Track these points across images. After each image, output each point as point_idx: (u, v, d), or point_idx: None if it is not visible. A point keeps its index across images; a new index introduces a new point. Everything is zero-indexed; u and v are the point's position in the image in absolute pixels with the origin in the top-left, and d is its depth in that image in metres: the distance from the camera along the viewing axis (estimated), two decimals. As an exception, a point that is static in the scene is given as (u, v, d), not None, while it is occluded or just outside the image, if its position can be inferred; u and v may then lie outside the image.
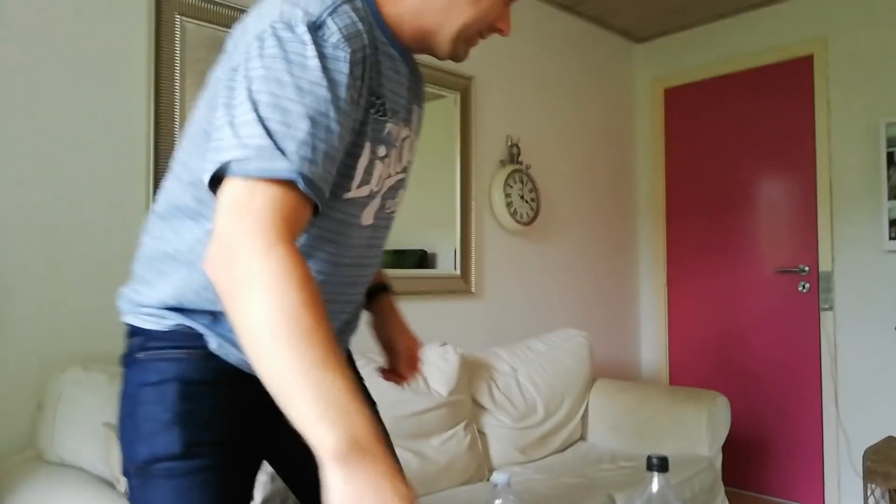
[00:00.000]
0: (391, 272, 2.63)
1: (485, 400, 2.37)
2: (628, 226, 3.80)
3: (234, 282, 0.69)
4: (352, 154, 0.87)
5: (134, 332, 0.92)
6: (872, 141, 3.03)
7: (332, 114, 0.77)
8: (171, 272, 0.90)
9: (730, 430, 2.67)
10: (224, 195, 0.73)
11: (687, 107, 3.71)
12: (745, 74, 3.48)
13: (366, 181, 0.90)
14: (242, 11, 2.09)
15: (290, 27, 0.77)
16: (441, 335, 2.68)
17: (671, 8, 3.43)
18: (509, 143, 3.09)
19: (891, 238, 2.96)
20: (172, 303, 0.89)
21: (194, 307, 0.89)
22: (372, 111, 0.88)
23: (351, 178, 0.88)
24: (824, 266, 3.17)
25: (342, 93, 0.78)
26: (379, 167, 0.91)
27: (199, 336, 0.89)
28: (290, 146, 0.73)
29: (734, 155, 3.52)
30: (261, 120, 0.73)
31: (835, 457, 3.09)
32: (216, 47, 2.03)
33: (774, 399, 3.33)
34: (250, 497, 0.96)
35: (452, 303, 2.84)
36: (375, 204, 0.95)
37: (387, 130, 0.91)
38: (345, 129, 0.80)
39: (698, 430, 2.51)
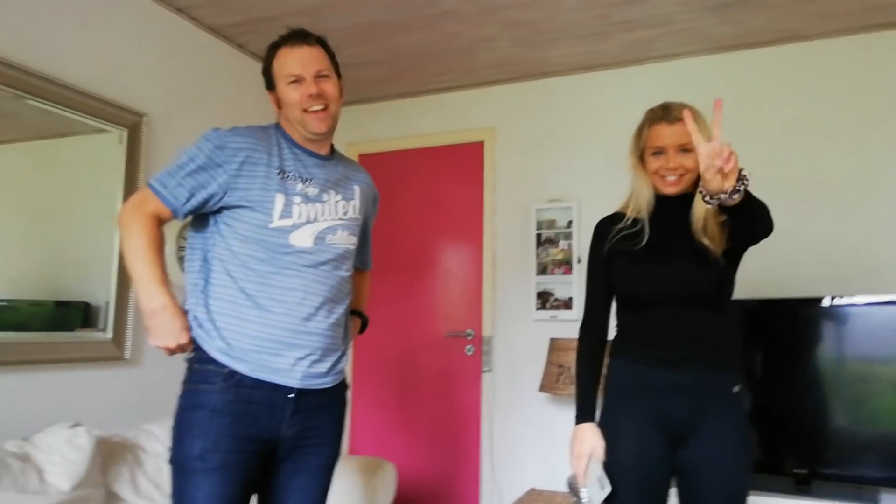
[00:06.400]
0: (25, 336, 2.14)
1: (124, 490, 2.02)
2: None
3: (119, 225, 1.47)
4: (266, 200, 1.47)
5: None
6: (526, 223, 3.45)
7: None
8: None
9: (398, 491, 2.70)
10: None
11: (378, 173, 3.83)
12: (429, 151, 3.74)
13: (287, 216, 1.49)
14: None
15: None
16: (80, 414, 2.26)
17: (365, 80, 3.57)
18: (186, 192, 2.81)
19: (537, 308, 3.37)
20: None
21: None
22: (279, 176, 1.51)
23: (270, 215, 1.47)
24: (486, 331, 3.48)
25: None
26: (297, 209, 1.50)
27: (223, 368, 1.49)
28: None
29: (417, 224, 3.72)
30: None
31: (489, 510, 3.34)
32: None
33: (441, 456, 3.50)
34: (250, 486, 1.48)
35: (99, 372, 2.42)
36: (306, 231, 1.51)
37: (297, 188, 1.52)
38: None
39: (366, 500, 2.47)
